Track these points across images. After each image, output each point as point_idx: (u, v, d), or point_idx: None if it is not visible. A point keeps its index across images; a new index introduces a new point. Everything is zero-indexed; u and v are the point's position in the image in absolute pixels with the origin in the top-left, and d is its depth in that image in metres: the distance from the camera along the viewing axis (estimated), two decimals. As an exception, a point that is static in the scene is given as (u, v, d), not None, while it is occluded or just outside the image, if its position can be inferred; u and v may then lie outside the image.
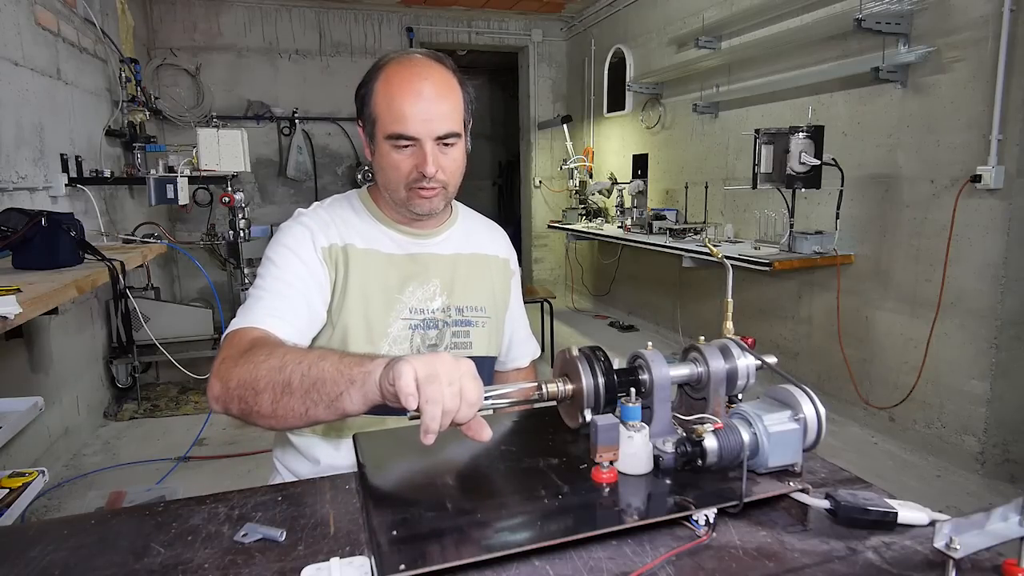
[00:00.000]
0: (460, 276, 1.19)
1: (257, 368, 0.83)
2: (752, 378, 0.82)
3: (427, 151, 1.04)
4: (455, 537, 0.66)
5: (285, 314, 1.00)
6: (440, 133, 1.04)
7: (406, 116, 1.03)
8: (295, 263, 1.06)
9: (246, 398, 0.84)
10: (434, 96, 1.04)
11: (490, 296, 1.23)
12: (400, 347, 1.11)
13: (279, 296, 1.03)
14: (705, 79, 4.26)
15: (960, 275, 2.67)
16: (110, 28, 3.83)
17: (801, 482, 0.74)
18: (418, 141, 1.04)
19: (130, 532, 0.73)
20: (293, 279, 1.05)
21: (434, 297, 1.15)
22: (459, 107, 1.09)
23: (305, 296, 1.05)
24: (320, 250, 1.09)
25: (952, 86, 2.66)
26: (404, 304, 1.12)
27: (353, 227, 1.14)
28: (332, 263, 1.10)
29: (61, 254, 2.01)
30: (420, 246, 1.18)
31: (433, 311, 1.15)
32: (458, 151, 1.09)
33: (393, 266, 1.14)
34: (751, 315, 3.91)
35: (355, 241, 1.12)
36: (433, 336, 1.14)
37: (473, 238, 1.25)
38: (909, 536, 0.71)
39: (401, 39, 5.81)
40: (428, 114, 1.03)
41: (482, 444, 0.77)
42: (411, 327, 1.12)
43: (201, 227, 4.97)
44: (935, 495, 2.55)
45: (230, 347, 0.92)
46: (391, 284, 1.13)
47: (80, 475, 2.79)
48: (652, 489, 0.75)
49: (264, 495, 0.81)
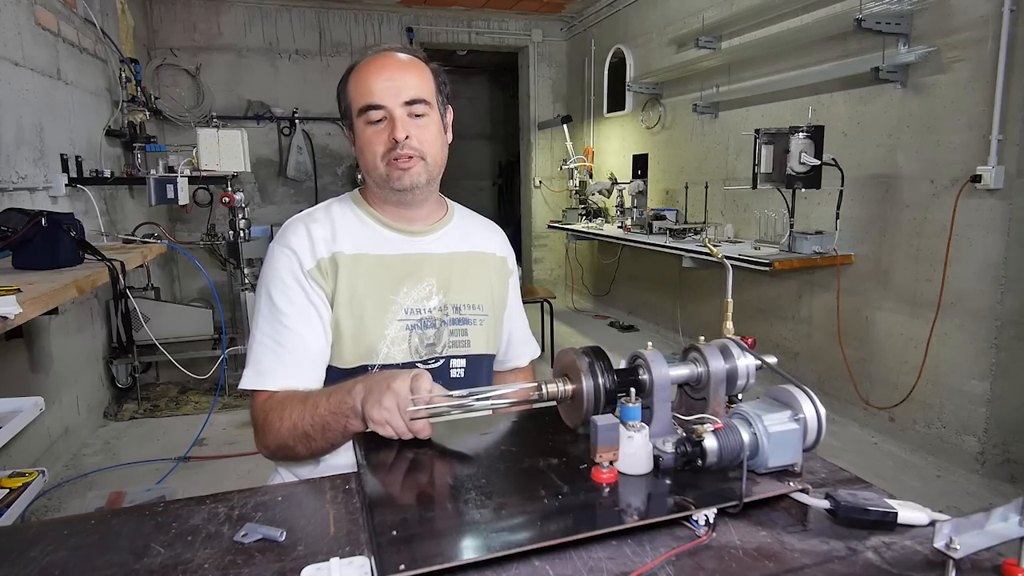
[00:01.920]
0: (456, 274, 1.19)
1: (280, 432, 1.00)
2: (752, 378, 0.82)
3: (396, 116, 1.08)
4: (455, 537, 0.66)
5: (289, 368, 1.06)
6: (407, 98, 1.09)
7: (372, 88, 1.09)
8: (289, 300, 1.08)
9: (288, 455, 1.02)
10: (398, 69, 1.10)
11: (488, 294, 1.23)
12: (399, 348, 1.11)
13: (282, 348, 1.06)
14: (705, 79, 4.26)
15: (960, 275, 2.67)
16: (110, 28, 3.83)
17: (801, 482, 0.74)
18: (387, 109, 1.09)
19: (130, 532, 0.73)
20: (293, 323, 1.07)
21: (430, 296, 1.15)
22: (427, 82, 1.13)
23: (303, 338, 1.07)
24: (308, 273, 1.09)
25: (952, 86, 2.66)
26: (399, 305, 1.12)
27: (342, 233, 1.14)
28: (324, 278, 1.10)
29: (61, 254, 2.01)
30: (414, 245, 1.17)
31: (430, 310, 1.14)
32: (431, 123, 1.12)
33: (385, 267, 1.14)
34: (751, 315, 3.91)
35: (344, 248, 1.12)
36: (431, 335, 1.14)
37: (470, 237, 1.25)
38: (909, 536, 0.71)
39: (401, 39, 5.80)
40: (393, 82, 1.09)
41: (483, 444, 0.77)
42: (408, 327, 1.12)
43: (201, 227, 4.97)
44: (935, 495, 2.54)
45: (256, 417, 1.05)
46: (384, 286, 1.12)
47: (80, 475, 2.79)
48: (652, 489, 0.75)
49: (264, 495, 0.81)
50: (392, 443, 0.91)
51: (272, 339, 1.07)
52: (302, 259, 1.10)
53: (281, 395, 1.04)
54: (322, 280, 1.09)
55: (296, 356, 1.06)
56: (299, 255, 1.10)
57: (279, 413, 1.00)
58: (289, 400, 1.01)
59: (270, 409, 1.02)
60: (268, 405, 1.03)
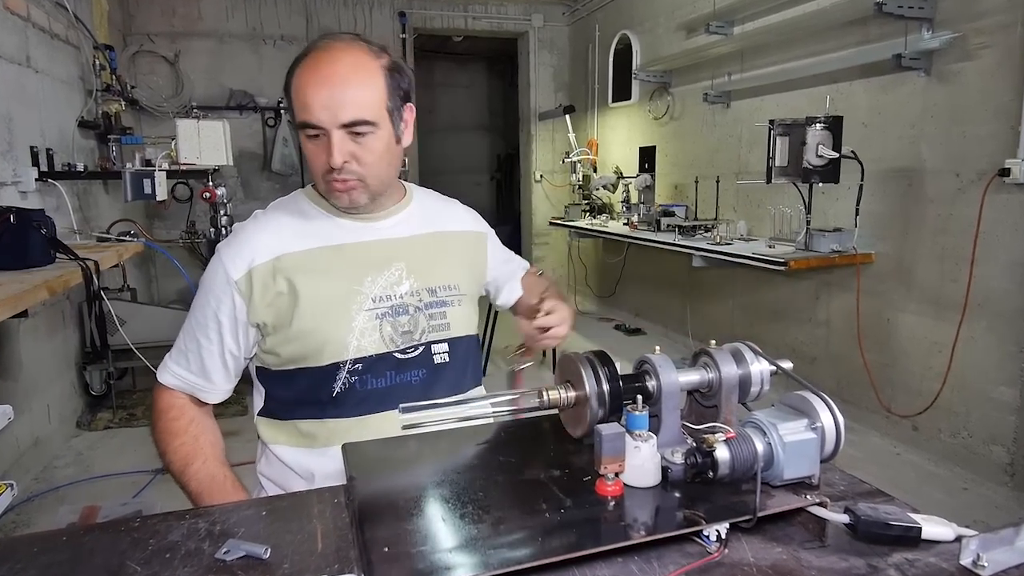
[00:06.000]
0: (427, 256, 1.20)
1: (166, 455, 1.12)
2: (766, 384, 0.82)
3: (333, 141, 1.04)
4: (451, 554, 0.66)
5: (182, 371, 1.16)
6: (345, 121, 1.04)
7: (309, 104, 1.04)
8: (201, 307, 1.15)
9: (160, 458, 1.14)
10: (340, 81, 1.04)
11: (464, 273, 1.25)
12: (369, 339, 1.12)
13: (187, 349, 1.16)
14: (716, 67, 4.26)
15: (988, 275, 2.67)
16: (83, 12, 3.83)
17: (818, 495, 0.75)
18: (324, 130, 1.05)
19: (104, 549, 0.73)
20: (199, 330, 1.15)
21: (400, 281, 1.16)
22: (374, 92, 1.06)
23: (201, 347, 1.15)
24: (235, 283, 1.11)
25: (979, 74, 2.66)
26: (366, 295, 1.13)
27: (291, 231, 1.15)
28: (253, 287, 1.11)
29: (31, 253, 2.01)
30: (374, 231, 1.18)
31: (401, 296, 1.15)
32: (376, 141, 1.08)
33: (344, 257, 1.15)
34: (765, 317, 3.91)
35: (291, 247, 1.13)
36: (406, 323, 1.15)
37: (436, 217, 1.28)
38: (934, 553, 0.71)
39: (393, 24, 5.81)
40: (331, 101, 1.03)
41: (481, 455, 0.77)
42: (378, 316, 1.13)
43: (180, 224, 4.97)
44: (961, 509, 2.55)
45: (155, 406, 1.17)
46: (346, 276, 1.14)
47: (51, 488, 2.79)
48: (660, 503, 0.75)
49: (247, 509, 0.82)
50: (384, 453, 0.91)
51: (184, 337, 1.17)
52: (228, 269, 1.12)
53: (188, 417, 1.15)
54: (248, 290, 1.11)
55: (192, 364, 1.15)
56: (226, 265, 1.12)
57: (173, 436, 1.12)
58: (184, 448, 1.11)
59: (171, 419, 1.14)
60: (171, 413, 1.14)
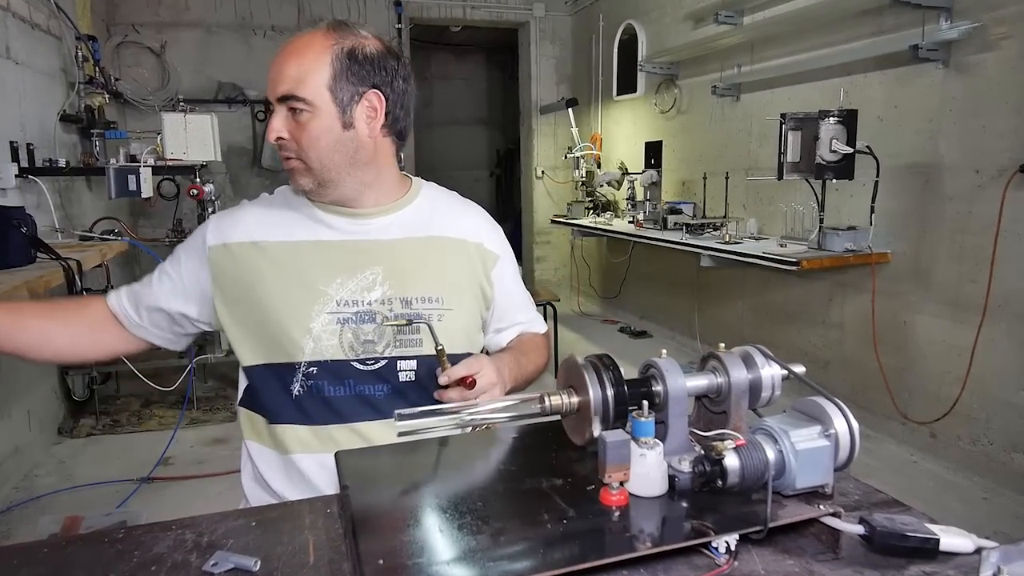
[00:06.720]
0: (410, 263, 1.17)
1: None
2: (778, 390, 0.82)
3: (274, 112, 1.10)
4: (448, 566, 0.66)
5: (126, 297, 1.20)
6: (278, 93, 1.09)
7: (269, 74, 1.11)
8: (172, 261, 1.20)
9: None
10: (284, 58, 1.10)
11: (451, 285, 1.19)
12: (327, 343, 1.12)
13: (142, 284, 1.21)
14: (725, 58, 4.26)
15: (1009, 275, 2.67)
16: (65, 2, 3.83)
17: (832, 505, 0.74)
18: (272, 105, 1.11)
19: (87, 562, 0.73)
20: (164, 279, 1.19)
21: (373, 287, 1.14)
22: (315, 72, 1.07)
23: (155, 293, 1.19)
24: (206, 250, 1.15)
25: (999, 66, 2.66)
26: (330, 297, 1.13)
27: (277, 219, 1.17)
28: (223, 259, 1.14)
29: (10, 253, 2.01)
30: (363, 231, 1.17)
31: (369, 303, 1.13)
32: (313, 123, 1.08)
33: (320, 255, 1.15)
34: (777, 319, 3.91)
35: (271, 235, 1.15)
36: (370, 332, 1.13)
37: (436, 220, 1.22)
38: (952, 565, 0.71)
39: (388, 14, 5.81)
40: (272, 73, 1.10)
41: (480, 463, 0.77)
42: (339, 321, 1.12)
43: (167, 223, 4.94)
44: (981, 519, 2.55)
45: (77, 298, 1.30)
46: (315, 275, 1.13)
47: (32, 498, 2.79)
48: (667, 513, 0.75)
49: (236, 520, 0.81)
50: (378, 462, 0.91)
51: (150, 276, 1.21)
52: (207, 236, 1.16)
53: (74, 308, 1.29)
54: (217, 260, 1.15)
55: (140, 295, 1.20)
56: (209, 230, 1.17)
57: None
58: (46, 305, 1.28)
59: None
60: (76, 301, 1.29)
